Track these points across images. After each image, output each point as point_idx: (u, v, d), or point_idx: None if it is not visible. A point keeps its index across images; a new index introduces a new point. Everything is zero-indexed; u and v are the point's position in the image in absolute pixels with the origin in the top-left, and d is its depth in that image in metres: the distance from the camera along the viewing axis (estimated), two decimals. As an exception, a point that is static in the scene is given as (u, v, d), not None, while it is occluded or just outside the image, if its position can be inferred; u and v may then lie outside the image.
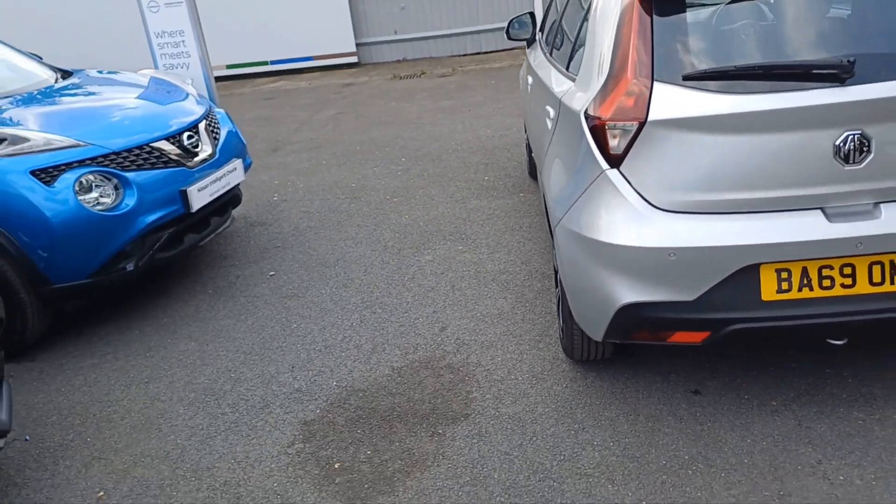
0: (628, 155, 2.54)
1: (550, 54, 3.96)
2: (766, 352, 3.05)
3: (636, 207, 2.54)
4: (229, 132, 4.63)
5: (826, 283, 2.46)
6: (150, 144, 3.96)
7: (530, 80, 4.48)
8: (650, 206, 2.53)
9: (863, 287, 2.45)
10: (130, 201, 3.77)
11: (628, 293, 2.57)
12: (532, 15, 4.84)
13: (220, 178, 4.27)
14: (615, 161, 2.57)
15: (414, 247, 4.64)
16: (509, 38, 4.81)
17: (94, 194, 3.69)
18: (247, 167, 4.71)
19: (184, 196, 4.00)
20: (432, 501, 2.49)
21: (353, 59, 12.31)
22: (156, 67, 5.27)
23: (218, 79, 12.36)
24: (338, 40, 12.19)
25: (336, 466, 2.72)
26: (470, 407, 2.96)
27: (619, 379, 3.02)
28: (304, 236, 5.04)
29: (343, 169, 6.59)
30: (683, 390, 2.90)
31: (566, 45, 3.60)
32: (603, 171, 2.59)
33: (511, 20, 4.75)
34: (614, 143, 2.56)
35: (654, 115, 2.47)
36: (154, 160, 3.94)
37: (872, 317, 2.47)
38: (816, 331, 2.58)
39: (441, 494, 2.52)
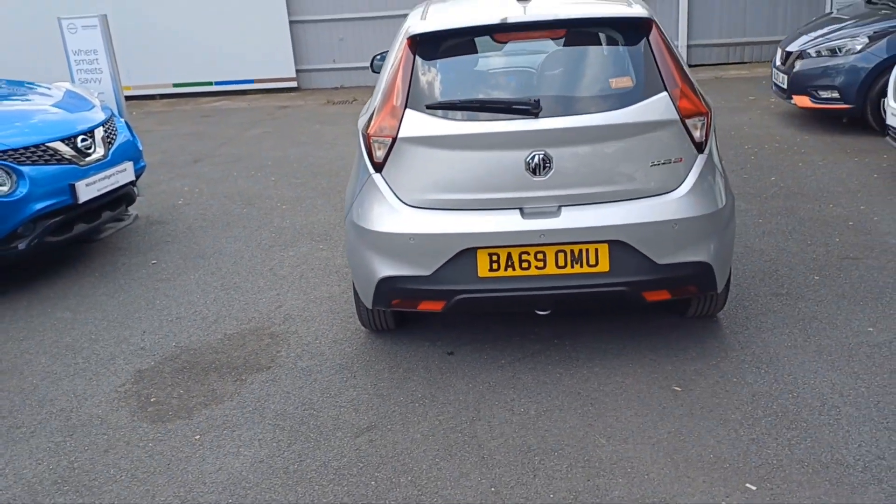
0: (387, 163, 3.32)
1: None
2: (509, 324, 3.81)
3: (390, 203, 3.32)
4: (126, 139, 5.36)
5: (525, 265, 3.24)
6: (46, 144, 4.67)
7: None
8: (401, 202, 3.31)
9: (551, 269, 3.24)
10: (23, 190, 4.47)
11: (384, 268, 3.33)
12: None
13: (109, 177, 4.99)
14: (378, 167, 3.35)
15: (283, 245, 5.37)
16: (373, 71, 5.59)
17: (-9, 183, 4.39)
18: (139, 170, 5.43)
19: (72, 189, 4.71)
20: (217, 423, 3.21)
21: (293, 84, 13.06)
22: (72, 81, 5.98)
23: (164, 96, 13.13)
24: (279, 65, 12.94)
25: (152, 400, 3.42)
26: (274, 362, 3.69)
27: (397, 343, 3.77)
28: (194, 234, 5.75)
29: (249, 180, 7.32)
30: (441, 352, 3.66)
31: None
32: (370, 175, 3.37)
33: (374, 56, 5.51)
34: (377, 154, 3.34)
35: (402, 134, 3.26)
36: (48, 157, 4.66)
37: (559, 292, 3.26)
38: (525, 303, 3.37)
39: (225, 417, 3.24)
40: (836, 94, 7.06)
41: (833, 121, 7.40)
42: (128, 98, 12.69)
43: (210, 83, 13.18)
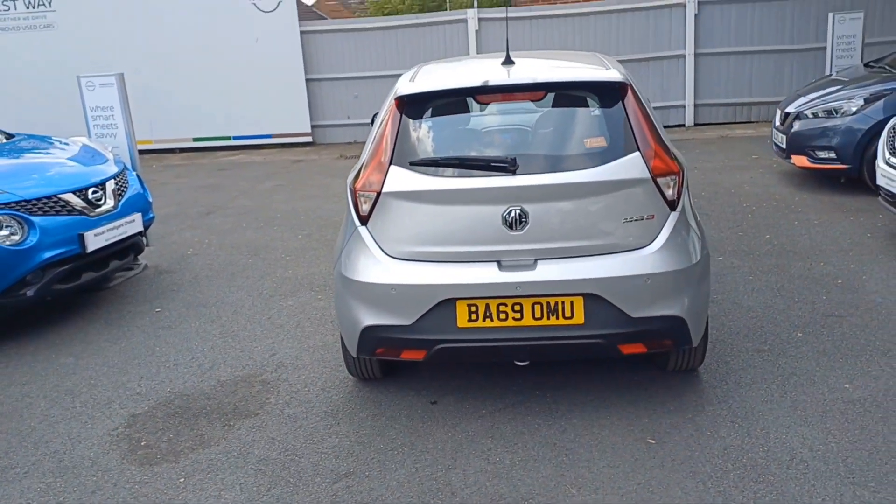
0: (372, 216, 3.48)
1: None
2: (492, 374, 3.90)
3: (374, 255, 3.46)
4: (136, 192, 5.59)
5: (502, 316, 3.35)
6: (58, 196, 4.89)
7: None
8: (384, 254, 3.45)
9: (528, 321, 3.34)
10: (33, 239, 4.68)
11: (368, 318, 3.46)
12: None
13: (117, 227, 5.19)
14: (363, 220, 3.50)
15: (283, 294, 5.52)
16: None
17: (4, 232, 4.60)
18: (147, 221, 5.64)
19: (81, 238, 4.91)
20: (202, 467, 3.30)
21: (309, 139, 13.43)
22: (89, 135, 6.26)
23: (183, 150, 13.54)
24: (295, 121, 13.33)
25: (142, 444, 3.53)
26: (263, 408, 3.80)
27: (382, 392, 3.87)
28: (199, 283, 5.92)
29: (257, 231, 7.52)
30: (425, 401, 3.75)
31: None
32: (356, 227, 3.53)
33: (374, 114, 5.71)
34: (363, 208, 3.50)
35: (386, 188, 3.42)
36: (59, 208, 4.87)
37: (535, 343, 3.36)
38: (503, 353, 3.46)
39: (210, 462, 3.33)
40: (832, 155, 7.19)
41: (831, 180, 7.50)
42: (149, 151, 13.22)
43: (228, 138, 13.59)
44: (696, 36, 12.09)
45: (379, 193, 3.43)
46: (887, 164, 5.48)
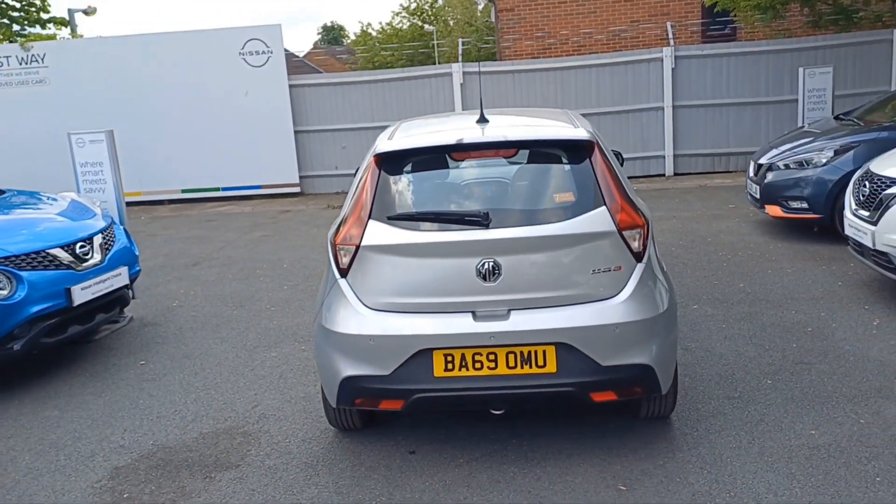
0: (351, 269, 3.60)
1: None
2: (470, 425, 3.98)
3: (353, 306, 3.58)
4: (122, 246, 5.70)
5: (478, 365, 3.46)
6: (46, 251, 5.00)
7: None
8: (363, 305, 3.57)
9: (503, 369, 3.45)
10: (21, 294, 4.77)
11: (348, 368, 3.56)
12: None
13: (104, 281, 5.29)
14: (343, 273, 3.63)
15: (267, 346, 5.60)
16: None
17: (-9, 287, 4.69)
18: (133, 274, 5.74)
19: (68, 293, 5.00)
20: (182, 518, 3.36)
21: (297, 189, 13.62)
22: (78, 191, 6.41)
23: (172, 202, 13.68)
24: (284, 172, 13.54)
25: (125, 496, 3.58)
26: (244, 460, 3.86)
27: (362, 442, 3.94)
28: (184, 335, 6.00)
29: (243, 283, 7.62)
30: (404, 451, 3.83)
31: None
32: (336, 280, 3.65)
33: (357, 168, 5.89)
34: (343, 260, 3.63)
35: (365, 242, 3.55)
36: (47, 263, 4.98)
37: (510, 391, 3.46)
38: (479, 401, 3.56)
39: (190, 514, 3.39)
40: (805, 205, 7.41)
41: (804, 229, 7.71)
42: (137, 203, 13.37)
43: (217, 189, 13.77)
44: (673, 89, 12.46)
45: (358, 247, 3.56)
46: (854, 214, 5.67)
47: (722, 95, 12.45)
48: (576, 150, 3.71)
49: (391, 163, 3.76)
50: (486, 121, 3.98)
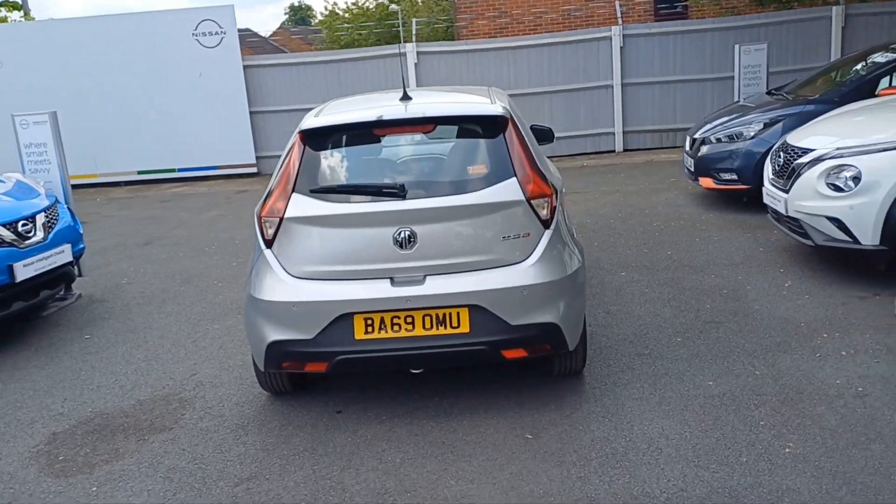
0: (276, 240, 3.79)
1: None
2: (395, 384, 4.21)
3: (278, 275, 3.77)
4: (66, 224, 5.81)
5: (396, 328, 3.68)
6: (-14, 229, 5.11)
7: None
8: (287, 274, 3.76)
9: (419, 331, 3.67)
10: (-38, 271, 4.88)
11: (273, 333, 3.75)
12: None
13: (46, 258, 5.41)
14: (268, 244, 3.81)
15: (210, 319, 5.77)
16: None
17: (-68, 265, 4.79)
18: (77, 252, 5.86)
19: (10, 269, 5.12)
20: (114, 477, 3.55)
21: (253, 170, 13.67)
22: (23, 171, 6.48)
23: (128, 183, 13.66)
24: (240, 153, 13.58)
25: (60, 458, 3.76)
26: (178, 423, 4.05)
27: (292, 404, 4.15)
28: (130, 311, 6.14)
29: (193, 260, 7.75)
30: (331, 411, 4.04)
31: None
32: (262, 251, 3.84)
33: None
34: (268, 232, 3.81)
35: (288, 214, 3.74)
36: (-12, 241, 5.09)
37: (426, 351, 3.68)
38: (399, 362, 3.78)
39: (122, 472, 3.58)
40: (734, 176, 7.71)
41: (736, 200, 8.02)
42: (94, 185, 13.35)
43: (173, 170, 13.77)
44: (622, 67, 12.69)
45: (282, 219, 3.75)
46: (771, 183, 5.97)
47: (669, 73, 12.72)
48: (490, 125, 3.92)
49: (316, 139, 3.94)
50: (409, 98, 4.17)
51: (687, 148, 8.50)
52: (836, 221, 5.10)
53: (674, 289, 5.56)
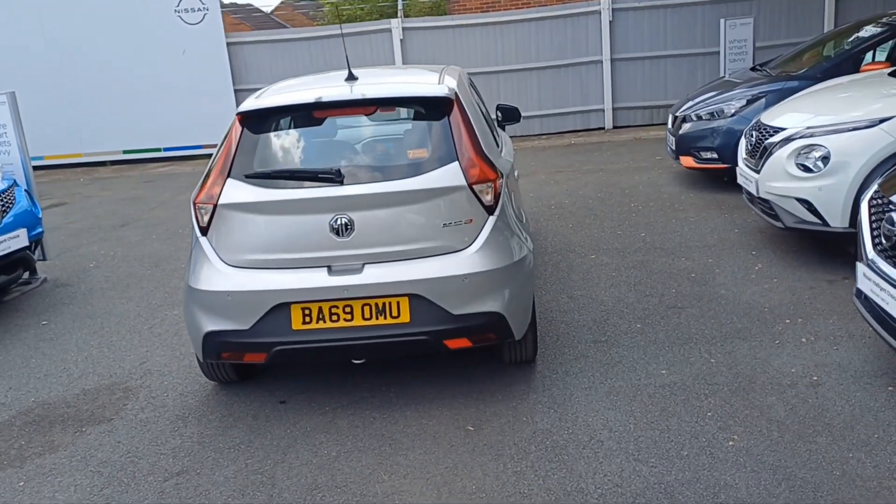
0: (210, 227, 3.67)
1: None
2: (344, 373, 4.11)
3: (213, 263, 3.65)
4: (22, 209, 5.70)
5: (334, 317, 3.57)
6: (-65, 215, 5.00)
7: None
8: (223, 262, 3.64)
9: (358, 321, 3.56)
10: None
11: (209, 324, 3.65)
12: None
13: (-1, 243, 5.31)
14: (203, 231, 3.70)
15: (171, 304, 5.67)
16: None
17: None
18: (34, 236, 5.76)
19: (-41, 256, 5.02)
20: (44, 471, 3.46)
21: (239, 149, 13.50)
22: (-15, 153, 6.38)
23: (114, 163, 13.53)
24: (225, 131, 13.40)
25: (-6, 450, 3.68)
26: (118, 414, 3.96)
27: (237, 394, 4.05)
28: (93, 295, 6.04)
29: (165, 243, 7.65)
30: (275, 401, 3.95)
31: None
32: (198, 238, 3.72)
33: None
34: (203, 219, 3.69)
35: (222, 200, 3.62)
36: (-64, 227, 4.98)
37: (367, 342, 3.57)
38: (339, 352, 3.68)
39: (53, 466, 3.49)
40: (714, 155, 7.55)
41: (717, 180, 7.86)
42: (78, 165, 13.23)
43: (159, 149, 13.64)
44: (611, 42, 12.46)
45: (215, 206, 3.62)
46: (744, 163, 5.81)
47: (659, 48, 12.48)
48: (434, 107, 3.78)
49: (254, 122, 3.81)
50: (355, 79, 4.02)
51: (669, 126, 8.32)
52: (805, 203, 4.95)
53: (642, 272, 5.44)
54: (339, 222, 3.51)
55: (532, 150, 11.47)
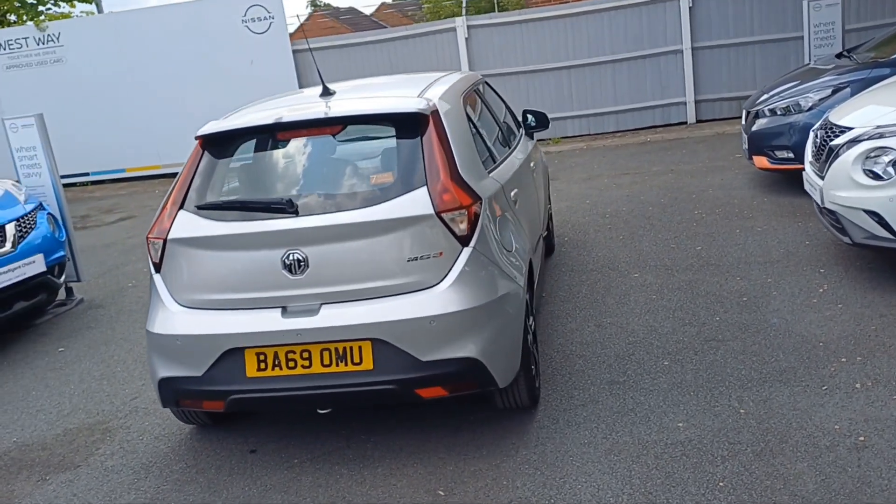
0: (162, 264, 3.37)
1: None
2: (324, 420, 3.71)
3: (165, 304, 3.36)
4: (42, 234, 5.65)
5: (291, 364, 3.19)
6: (-51, 242, 4.98)
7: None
8: (175, 303, 3.34)
9: (317, 368, 3.17)
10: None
11: (162, 369, 3.36)
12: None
13: (13, 269, 5.25)
14: (156, 268, 3.41)
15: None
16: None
17: None
18: (53, 261, 5.68)
19: (-32, 283, 4.99)
20: (-9, 526, 3.26)
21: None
22: (17, 175, 6.41)
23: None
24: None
25: (-46, 500, 3.52)
26: (87, 460, 3.73)
27: (210, 439, 3.75)
28: (119, 319, 5.94)
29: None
30: (244, 450, 3.61)
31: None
32: (152, 275, 3.43)
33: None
34: (154, 255, 3.40)
35: (171, 235, 3.31)
36: (-48, 253, 4.96)
37: (326, 391, 3.18)
38: (300, 401, 3.30)
39: (1, 521, 3.29)
40: (790, 154, 6.70)
41: (797, 181, 6.97)
42: (158, 176, 13.53)
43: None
44: (692, 29, 11.58)
45: (165, 241, 3.32)
46: (810, 167, 5.04)
47: (745, 34, 11.49)
48: (406, 124, 3.34)
49: (214, 146, 3.50)
50: (331, 94, 3.65)
51: (742, 122, 7.50)
52: (874, 215, 4.19)
53: (686, 295, 4.79)
54: (291, 258, 3.13)
55: (602, 149, 10.79)
